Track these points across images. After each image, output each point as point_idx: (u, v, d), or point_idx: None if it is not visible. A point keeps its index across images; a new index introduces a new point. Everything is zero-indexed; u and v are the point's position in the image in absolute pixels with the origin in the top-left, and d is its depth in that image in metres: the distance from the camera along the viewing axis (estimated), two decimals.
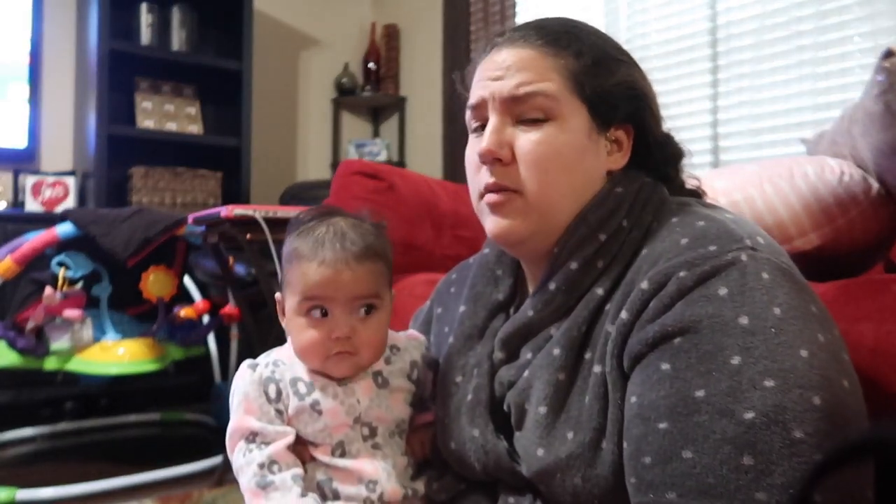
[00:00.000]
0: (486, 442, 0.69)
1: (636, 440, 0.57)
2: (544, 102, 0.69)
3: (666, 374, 0.56)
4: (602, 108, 0.70)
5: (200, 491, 1.85)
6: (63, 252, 1.94)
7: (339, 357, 0.75)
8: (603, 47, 0.72)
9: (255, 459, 0.72)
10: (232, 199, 2.97)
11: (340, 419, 0.75)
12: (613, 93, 0.71)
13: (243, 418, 0.74)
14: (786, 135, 2.05)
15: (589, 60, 0.70)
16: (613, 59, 0.72)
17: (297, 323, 0.76)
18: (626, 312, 0.61)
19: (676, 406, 0.55)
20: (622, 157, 0.72)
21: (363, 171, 1.88)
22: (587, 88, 0.70)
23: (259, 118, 3.24)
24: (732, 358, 0.54)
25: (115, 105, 2.87)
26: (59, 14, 3.03)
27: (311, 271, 0.74)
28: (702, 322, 0.56)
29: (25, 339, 1.89)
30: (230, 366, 2.40)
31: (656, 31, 2.43)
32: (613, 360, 0.62)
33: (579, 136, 0.70)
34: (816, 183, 1.04)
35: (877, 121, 1.02)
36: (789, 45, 2.05)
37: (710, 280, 0.57)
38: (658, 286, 0.59)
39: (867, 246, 1.05)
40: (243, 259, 2.27)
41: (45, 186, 2.82)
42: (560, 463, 0.62)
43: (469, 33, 3.13)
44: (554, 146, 0.69)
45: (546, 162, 0.69)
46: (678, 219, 0.66)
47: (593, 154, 0.71)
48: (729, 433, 0.52)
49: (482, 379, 0.73)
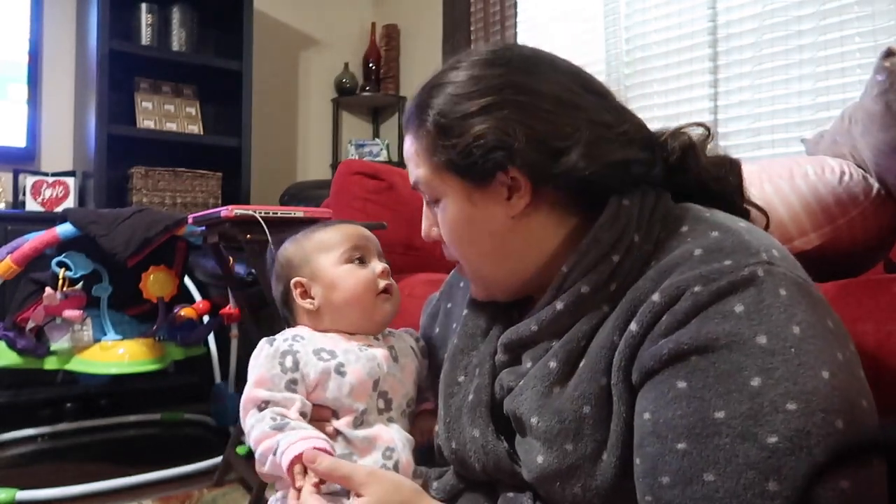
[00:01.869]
0: (487, 443, 0.69)
1: (652, 458, 0.56)
2: (426, 189, 0.73)
3: (682, 393, 0.55)
4: (467, 170, 0.68)
5: (200, 491, 1.86)
6: (63, 252, 1.94)
7: (384, 296, 0.83)
8: (445, 101, 0.69)
9: (268, 414, 0.74)
10: (232, 199, 2.97)
11: (363, 380, 0.78)
12: (468, 152, 0.67)
13: (253, 391, 0.76)
14: (786, 135, 2.05)
15: (433, 128, 0.69)
16: (455, 113, 0.67)
17: (343, 270, 0.83)
18: (636, 324, 0.60)
19: (695, 427, 0.54)
20: (523, 197, 0.67)
21: (363, 171, 1.88)
22: (444, 159, 0.69)
23: (259, 118, 3.24)
24: (752, 379, 0.53)
25: (115, 105, 2.87)
26: (59, 14, 3.03)
27: (341, 231, 0.86)
28: (719, 340, 0.55)
29: (25, 339, 1.89)
30: (230, 366, 2.40)
31: (656, 31, 2.43)
32: (620, 373, 0.61)
33: (462, 208, 0.70)
34: (816, 183, 1.04)
35: (877, 121, 1.02)
36: (789, 44, 2.05)
37: (726, 296, 0.56)
38: (671, 300, 0.58)
39: (867, 246, 1.05)
40: (243, 259, 2.27)
41: (45, 186, 2.82)
42: (560, 473, 0.62)
43: (469, 33, 3.13)
44: (447, 225, 0.72)
45: (450, 241, 0.74)
46: (688, 227, 0.64)
47: (485, 214, 0.69)
48: (752, 458, 0.51)
49: (483, 379, 0.73)
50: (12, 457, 2.22)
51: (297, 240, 0.88)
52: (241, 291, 2.17)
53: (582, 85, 0.70)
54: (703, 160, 0.72)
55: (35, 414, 2.51)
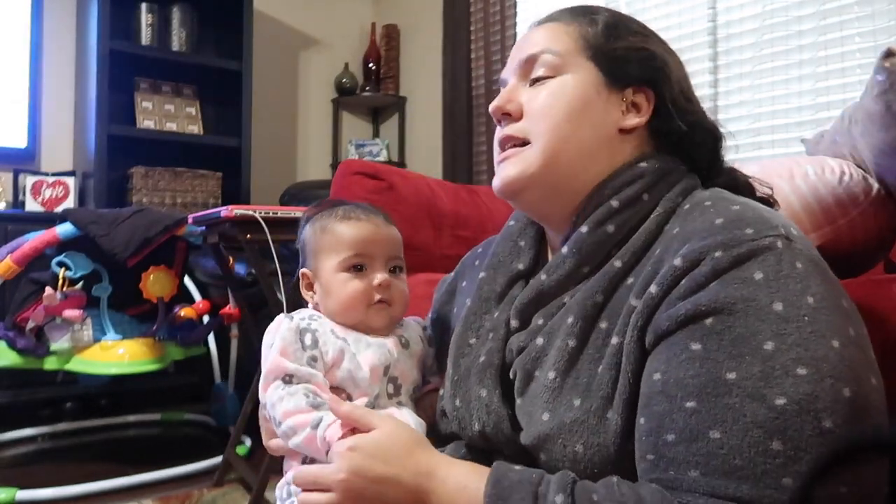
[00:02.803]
0: (492, 402, 0.70)
1: (658, 416, 0.57)
2: (551, 59, 0.74)
3: (696, 354, 0.57)
4: (611, 66, 0.73)
5: (200, 491, 1.86)
6: (63, 252, 1.94)
7: (379, 306, 0.81)
8: (619, 18, 0.77)
9: (301, 390, 0.74)
10: (232, 199, 2.97)
11: (374, 365, 0.79)
12: (623, 54, 0.73)
13: (279, 360, 0.76)
14: (786, 135, 2.05)
15: (601, 27, 0.75)
16: (626, 28, 0.76)
17: (339, 278, 0.82)
18: (656, 286, 0.61)
19: (706, 386, 0.55)
20: (638, 118, 0.73)
21: (363, 171, 1.88)
22: (597, 49, 0.74)
23: (259, 118, 3.24)
24: (766, 343, 0.55)
25: (115, 105, 2.87)
26: (59, 14, 3.03)
27: (349, 230, 0.82)
28: (736, 304, 0.56)
29: (25, 339, 1.89)
30: (230, 366, 2.40)
31: (656, 30, 2.42)
32: (635, 332, 0.62)
33: (585, 89, 0.73)
34: (816, 183, 1.04)
35: (877, 121, 1.02)
36: (789, 44, 2.05)
37: (746, 263, 0.58)
38: (692, 264, 0.60)
39: (867, 246, 1.04)
40: (243, 259, 2.27)
41: (45, 186, 2.82)
42: (563, 428, 0.63)
43: (469, 33, 3.13)
44: (557, 96, 0.73)
45: (549, 109, 0.73)
46: (711, 202, 0.66)
47: (601, 108, 0.73)
48: (759, 417, 0.53)
49: (496, 343, 0.74)
50: (12, 457, 2.22)
51: (317, 222, 0.85)
52: (241, 291, 2.17)
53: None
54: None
55: (35, 414, 2.51)
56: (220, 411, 2.42)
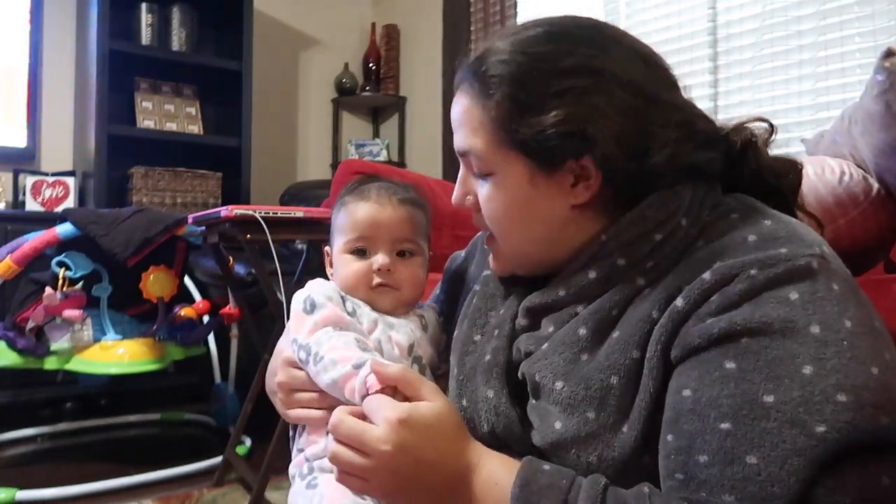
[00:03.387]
0: (500, 404, 0.69)
1: (689, 435, 0.56)
2: (477, 162, 0.69)
3: (730, 374, 0.55)
4: (539, 152, 0.65)
5: (200, 491, 1.86)
6: (63, 252, 1.94)
7: (381, 289, 0.81)
8: (528, 77, 0.64)
9: (352, 334, 0.73)
10: (232, 199, 2.97)
11: (401, 342, 0.79)
12: (539, 137, 0.63)
13: (334, 309, 0.76)
14: (786, 135, 2.05)
15: (512, 105, 0.64)
16: (540, 93, 0.64)
17: (343, 259, 0.83)
18: (683, 300, 0.59)
19: (742, 408, 0.54)
20: (588, 190, 0.65)
21: (363, 171, 1.88)
22: (513, 135, 0.65)
23: (259, 118, 3.24)
24: (805, 367, 0.53)
25: (115, 105, 2.87)
26: (59, 14, 3.03)
27: (356, 211, 0.82)
28: (773, 325, 0.55)
29: (25, 339, 1.89)
30: (230, 366, 2.40)
31: (656, 30, 2.43)
32: (658, 347, 0.60)
33: (520, 188, 0.67)
34: (817, 183, 1.04)
35: (877, 121, 1.02)
36: (789, 44, 2.05)
37: (782, 284, 0.56)
38: (725, 280, 0.58)
39: (867, 246, 1.05)
40: (243, 259, 2.27)
41: (45, 186, 2.82)
42: (578, 440, 0.62)
43: (469, 33, 3.13)
44: (497, 201, 0.69)
45: (494, 216, 0.70)
46: (739, 215, 0.63)
47: (544, 200, 0.66)
48: (800, 444, 0.51)
49: (502, 341, 0.72)
50: (12, 457, 2.22)
51: (342, 197, 0.86)
52: (241, 291, 2.17)
53: (664, 78, 0.68)
54: (765, 157, 0.71)
55: (35, 414, 2.51)
56: (220, 411, 2.42)
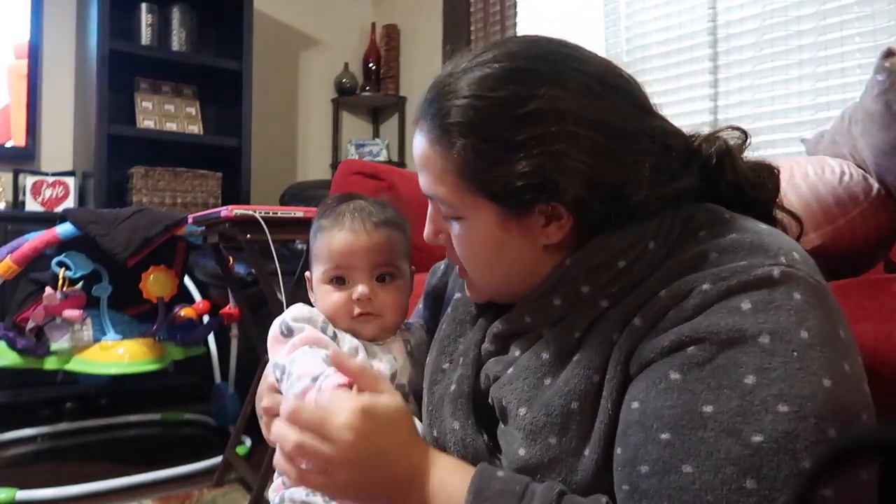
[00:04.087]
0: (466, 436, 0.68)
1: (633, 447, 0.56)
2: (445, 207, 0.67)
3: (674, 384, 0.55)
4: (506, 200, 0.62)
5: (200, 491, 1.86)
6: (63, 252, 1.94)
7: (363, 318, 0.80)
8: (488, 126, 0.61)
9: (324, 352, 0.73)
10: (232, 199, 2.97)
11: (382, 372, 0.78)
12: (507, 185, 0.61)
13: (313, 331, 0.76)
14: (786, 135, 2.05)
15: (475, 156, 0.62)
16: (502, 144, 0.61)
17: (322, 290, 0.82)
18: (640, 319, 0.59)
19: (682, 418, 0.53)
20: (561, 227, 0.63)
21: (363, 171, 1.88)
22: (480, 184, 0.62)
23: (259, 118, 3.24)
24: (747, 377, 0.52)
25: (115, 105, 2.87)
26: (59, 14, 3.03)
27: (333, 240, 0.81)
28: (719, 334, 0.54)
29: (25, 339, 1.89)
30: (230, 366, 2.40)
31: (656, 30, 2.43)
32: (617, 368, 0.59)
33: (491, 232, 0.65)
34: (817, 183, 1.04)
35: (877, 120, 1.02)
36: (789, 44, 2.05)
37: (735, 294, 0.55)
38: (679, 296, 0.57)
39: (867, 246, 1.05)
40: (243, 259, 2.27)
41: (45, 186, 2.82)
42: (541, 466, 0.61)
43: (469, 33, 3.13)
44: (469, 244, 0.67)
45: (468, 259, 0.69)
46: (707, 231, 0.62)
47: (516, 242, 0.65)
48: (734, 453, 0.51)
49: (467, 369, 0.72)
50: (12, 457, 2.22)
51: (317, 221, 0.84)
52: (241, 291, 2.17)
53: (630, 98, 0.65)
54: (741, 166, 0.69)
55: (35, 414, 2.51)
56: (220, 411, 2.42)
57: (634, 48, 2.50)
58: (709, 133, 0.70)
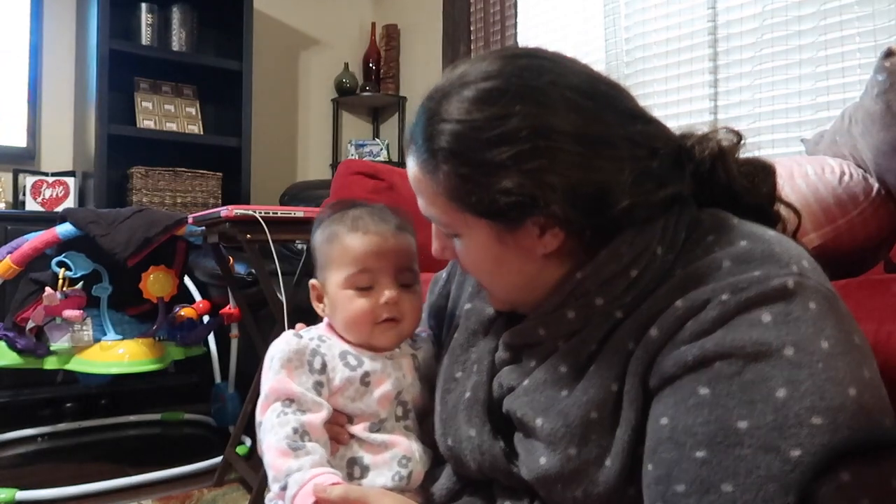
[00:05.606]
0: (483, 442, 0.68)
1: (667, 465, 0.55)
2: (442, 227, 0.69)
3: (704, 400, 0.54)
4: (496, 217, 0.63)
5: (200, 491, 1.86)
6: (63, 252, 1.94)
7: (386, 325, 0.78)
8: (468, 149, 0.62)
9: (291, 423, 0.71)
10: (232, 199, 2.97)
11: (387, 391, 0.77)
12: (493, 205, 0.62)
13: (284, 380, 0.74)
14: (786, 135, 2.05)
15: (459, 180, 0.63)
16: (483, 166, 0.61)
17: (344, 295, 0.78)
18: (657, 330, 0.59)
19: (716, 435, 0.53)
20: (556, 236, 0.64)
21: (363, 171, 1.88)
22: (470, 205, 0.63)
23: (259, 118, 3.24)
24: (778, 390, 0.52)
25: (115, 105, 2.87)
26: (59, 14, 3.03)
27: (356, 243, 0.78)
28: (745, 348, 0.54)
29: (25, 339, 1.89)
30: (230, 366, 2.40)
31: (656, 30, 2.43)
32: (635, 379, 0.59)
33: (488, 247, 0.66)
34: (817, 183, 1.04)
35: (877, 120, 1.02)
36: (789, 44, 2.05)
37: (755, 307, 0.55)
38: (697, 307, 0.57)
39: (867, 246, 1.05)
40: (243, 259, 2.27)
41: (45, 186, 2.83)
42: (562, 476, 0.61)
43: (469, 33, 3.13)
44: (472, 259, 0.69)
45: (475, 272, 0.71)
46: (715, 237, 0.62)
47: (513, 253, 0.65)
48: (774, 470, 0.50)
49: (481, 377, 0.72)
50: (12, 457, 2.22)
51: (327, 228, 0.82)
52: (241, 291, 2.17)
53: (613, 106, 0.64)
54: (734, 169, 0.69)
55: (35, 414, 2.51)
56: (220, 411, 2.42)
57: (634, 48, 2.50)
58: (702, 134, 0.69)
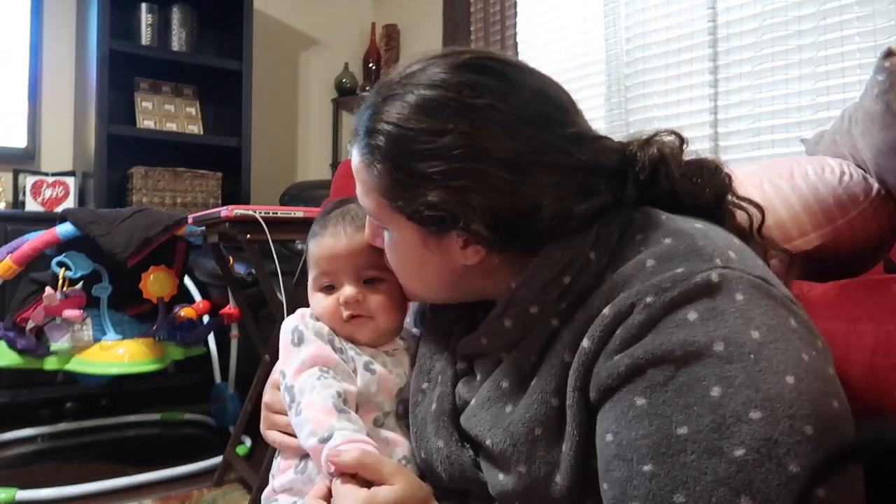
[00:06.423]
0: (451, 453, 0.68)
1: (620, 483, 0.54)
2: (374, 220, 0.71)
3: (643, 411, 0.53)
4: (422, 223, 0.63)
5: (200, 491, 1.86)
6: (63, 252, 1.94)
7: (355, 322, 0.79)
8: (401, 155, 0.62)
9: (334, 386, 0.72)
10: (232, 200, 2.97)
11: (389, 385, 0.77)
12: (421, 214, 0.62)
13: (323, 347, 0.75)
14: (786, 135, 2.05)
15: (390, 180, 0.64)
16: (412, 175, 0.62)
17: (315, 297, 0.82)
18: (588, 341, 0.57)
19: (659, 446, 0.52)
20: (478, 252, 0.64)
21: None
22: (398, 206, 0.64)
23: (259, 118, 3.24)
24: (712, 389, 0.51)
25: (115, 105, 2.87)
26: (59, 14, 3.04)
27: (317, 245, 0.81)
28: (674, 351, 0.53)
29: (25, 339, 1.89)
30: (230, 366, 2.40)
31: (656, 31, 2.42)
32: (575, 394, 0.58)
33: (414, 248, 0.67)
34: (816, 183, 1.04)
35: (877, 121, 1.02)
36: (789, 44, 2.05)
37: (680, 306, 0.54)
38: (623, 313, 0.56)
39: (867, 246, 1.04)
40: (243, 259, 2.27)
41: (45, 186, 2.82)
42: (518, 493, 0.61)
43: (469, 33, 3.13)
44: (396, 256, 0.70)
45: (395, 265, 0.72)
46: (643, 235, 0.61)
47: (439, 256, 0.66)
48: (721, 473, 0.49)
49: (445, 387, 0.72)
50: (12, 457, 2.22)
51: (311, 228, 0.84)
52: (241, 291, 2.17)
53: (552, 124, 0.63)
54: (675, 173, 0.67)
55: (35, 414, 2.51)
56: (220, 411, 2.42)
57: (634, 48, 2.50)
58: (644, 139, 0.68)
